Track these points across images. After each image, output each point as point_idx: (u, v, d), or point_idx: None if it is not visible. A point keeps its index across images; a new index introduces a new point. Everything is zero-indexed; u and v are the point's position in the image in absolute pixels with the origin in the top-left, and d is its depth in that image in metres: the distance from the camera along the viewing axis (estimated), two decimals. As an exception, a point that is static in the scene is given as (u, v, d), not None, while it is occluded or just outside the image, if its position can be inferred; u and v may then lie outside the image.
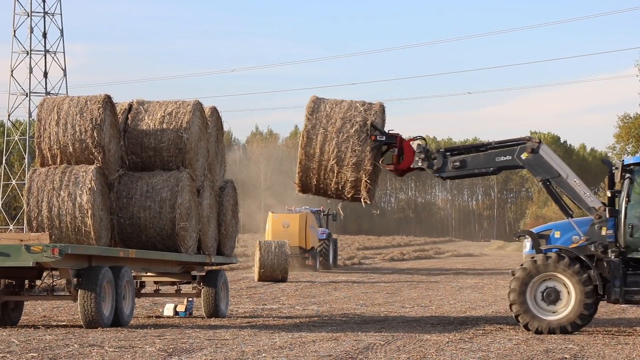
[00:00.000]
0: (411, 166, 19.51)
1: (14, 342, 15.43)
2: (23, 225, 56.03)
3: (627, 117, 79.85)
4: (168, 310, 23.41)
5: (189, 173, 21.10)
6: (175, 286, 24.19)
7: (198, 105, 21.61)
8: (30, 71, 69.36)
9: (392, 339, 16.65)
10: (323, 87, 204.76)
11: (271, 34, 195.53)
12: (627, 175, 18.55)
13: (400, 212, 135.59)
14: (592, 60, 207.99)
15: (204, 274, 23.37)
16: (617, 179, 18.56)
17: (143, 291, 23.43)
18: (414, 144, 19.42)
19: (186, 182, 20.93)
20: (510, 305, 18.62)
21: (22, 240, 17.66)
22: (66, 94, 55.49)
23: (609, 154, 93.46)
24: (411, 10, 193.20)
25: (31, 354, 13.90)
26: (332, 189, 18.93)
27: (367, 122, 18.79)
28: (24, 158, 70.34)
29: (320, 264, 48.82)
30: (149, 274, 22.62)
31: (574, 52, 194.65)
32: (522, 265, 18.65)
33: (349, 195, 18.98)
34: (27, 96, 69.30)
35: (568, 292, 18.37)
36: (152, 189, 20.80)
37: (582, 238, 18.78)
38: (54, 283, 19.85)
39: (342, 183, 18.80)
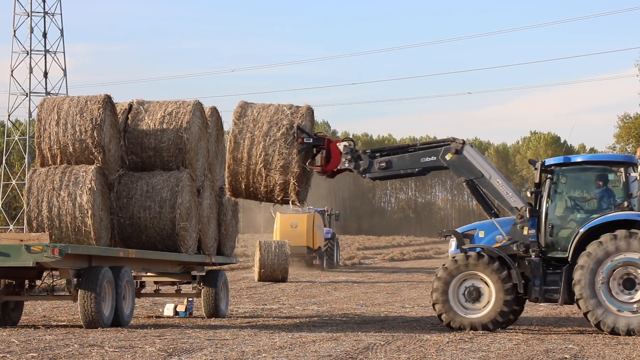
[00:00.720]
0: (338, 167, 19.69)
1: (14, 342, 15.43)
2: (23, 225, 56.02)
3: (627, 117, 79.86)
4: (168, 310, 23.41)
5: (189, 173, 21.11)
6: (175, 286, 24.20)
7: (198, 105, 21.62)
8: (30, 71, 69.37)
9: (392, 339, 16.65)
10: (323, 87, 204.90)
11: (271, 34, 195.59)
12: (549, 175, 18.93)
13: (400, 212, 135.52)
14: (592, 60, 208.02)
15: (204, 274, 23.37)
16: (537, 179, 18.91)
17: (143, 291, 23.43)
18: (341, 146, 19.61)
19: (186, 182, 20.94)
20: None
21: (22, 240, 17.65)
22: (66, 94, 55.49)
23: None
24: (411, 10, 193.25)
25: (31, 354, 13.89)
26: (262, 192, 19.10)
27: (294, 125, 18.93)
28: (24, 158, 70.34)
29: (326, 263, 49.47)
30: (149, 274, 22.62)
31: (574, 52, 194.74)
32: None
33: (278, 198, 19.16)
34: (27, 96, 69.30)
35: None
36: (152, 189, 20.81)
37: (505, 238, 19.09)
38: (54, 283, 19.85)
39: (271, 186, 18.98)
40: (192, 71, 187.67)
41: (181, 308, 23.51)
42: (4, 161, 70.93)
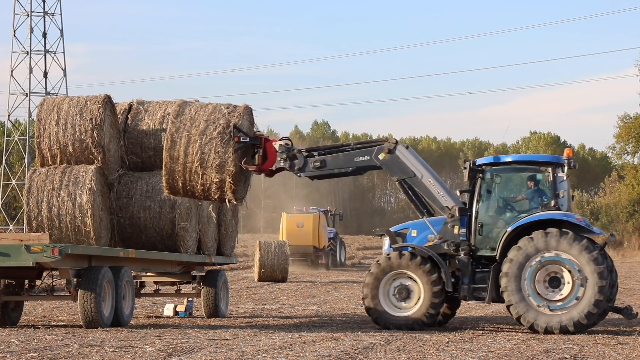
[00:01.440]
0: (274, 166, 19.75)
1: (14, 342, 15.43)
2: (23, 225, 56.03)
3: (627, 117, 79.87)
4: (168, 310, 23.42)
5: (189, 173, 21.09)
6: (175, 286, 24.20)
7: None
8: (30, 71, 69.36)
9: (392, 339, 16.65)
10: (323, 87, 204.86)
11: (271, 34, 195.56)
12: (479, 175, 19.16)
13: (400, 212, 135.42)
14: (592, 60, 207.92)
15: (204, 274, 23.38)
16: (466, 178, 19.19)
17: (143, 291, 23.44)
18: (277, 145, 19.72)
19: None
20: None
21: (22, 240, 17.65)
22: (66, 94, 55.46)
23: (609, 154, 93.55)
24: (411, 10, 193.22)
25: (31, 354, 13.89)
26: (199, 190, 19.17)
27: (231, 124, 19.00)
28: (24, 158, 70.33)
29: (330, 262, 50.22)
30: (149, 274, 22.62)
31: (574, 52, 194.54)
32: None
33: (215, 197, 19.23)
34: (27, 96, 69.29)
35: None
36: (152, 189, 20.81)
37: (436, 237, 19.31)
38: (54, 283, 19.84)
39: (208, 184, 19.04)
40: (192, 71, 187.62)
41: (181, 308, 23.52)
42: (4, 161, 70.92)
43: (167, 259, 21.02)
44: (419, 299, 18.91)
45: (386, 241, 19.92)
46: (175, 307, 23.52)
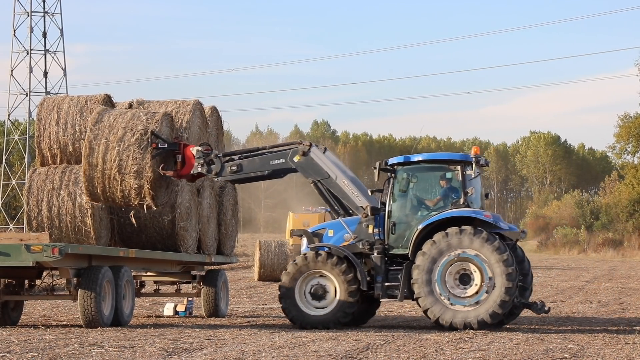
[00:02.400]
0: (192, 172, 19.84)
1: (14, 341, 15.43)
2: (23, 225, 56.00)
3: (627, 117, 79.86)
4: (168, 310, 23.41)
5: (189, 173, 21.07)
6: (175, 286, 24.20)
7: (198, 105, 21.61)
8: (30, 71, 69.28)
9: (392, 339, 16.64)
10: (323, 87, 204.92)
11: (271, 34, 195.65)
12: (391, 174, 19.40)
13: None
14: (592, 60, 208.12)
15: (204, 273, 23.37)
16: (376, 178, 19.34)
17: (143, 291, 23.43)
18: (194, 150, 19.81)
19: (186, 182, 20.91)
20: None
21: (22, 240, 17.65)
22: (66, 94, 55.42)
23: (609, 154, 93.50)
24: (411, 10, 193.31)
25: (31, 353, 13.89)
26: (119, 197, 19.26)
27: (148, 131, 19.07)
28: (24, 158, 70.28)
29: None
30: (149, 273, 22.62)
31: (574, 52, 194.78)
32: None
33: (135, 202, 19.32)
34: (27, 96, 69.25)
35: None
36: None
37: (352, 236, 19.50)
38: (54, 283, 19.84)
39: (127, 191, 19.14)
40: (192, 71, 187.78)
41: (181, 308, 23.52)
42: (4, 161, 70.89)
43: (167, 259, 21.02)
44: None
45: (304, 241, 20.08)
46: (175, 306, 23.52)
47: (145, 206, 19.30)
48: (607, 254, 73.13)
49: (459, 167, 19.24)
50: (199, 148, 19.82)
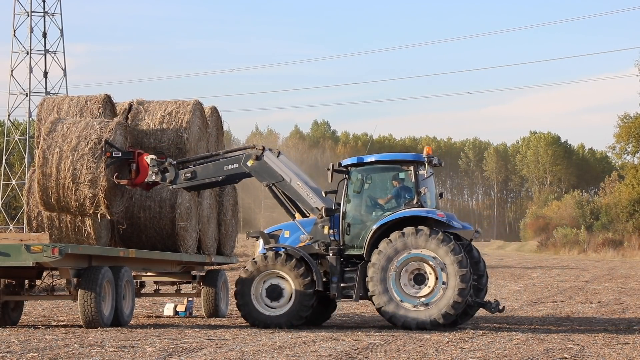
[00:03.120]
0: (146, 180, 19.89)
1: (14, 342, 15.43)
2: (23, 225, 56.00)
3: (627, 117, 79.86)
4: (168, 310, 23.41)
5: (189, 173, 21.06)
6: (175, 286, 24.20)
7: (198, 105, 21.62)
8: (30, 71, 69.28)
9: (392, 339, 16.65)
10: (323, 87, 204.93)
11: (271, 34, 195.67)
12: (345, 175, 19.49)
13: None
14: (592, 60, 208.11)
15: (204, 273, 23.38)
16: (329, 180, 19.39)
17: (143, 291, 23.43)
18: (148, 159, 19.86)
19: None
20: (235, 295, 19.36)
21: (22, 240, 17.65)
22: (66, 94, 55.45)
23: (609, 154, 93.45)
24: (411, 10, 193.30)
25: (31, 354, 13.89)
26: (74, 206, 19.26)
27: (102, 140, 19.10)
28: (24, 158, 70.29)
29: None
30: (149, 273, 22.62)
31: (574, 52, 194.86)
32: (253, 259, 19.48)
33: (90, 212, 19.31)
34: (27, 96, 69.25)
35: (289, 290, 19.20)
36: (152, 189, 20.78)
37: (307, 237, 19.59)
38: (54, 283, 19.84)
39: (82, 200, 19.15)
40: (192, 71, 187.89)
41: (181, 308, 23.52)
42: (4, 161, 70.90)
43: (167, 259, 21.02)
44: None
45: (260, 243, 20.09)
46: (175, 307, 23.52)
47: (99, 215, 19.26)
48: (607, 254, 73.13)
49: (411, 167, 19.37)
50: (153, 156, 19.85)
